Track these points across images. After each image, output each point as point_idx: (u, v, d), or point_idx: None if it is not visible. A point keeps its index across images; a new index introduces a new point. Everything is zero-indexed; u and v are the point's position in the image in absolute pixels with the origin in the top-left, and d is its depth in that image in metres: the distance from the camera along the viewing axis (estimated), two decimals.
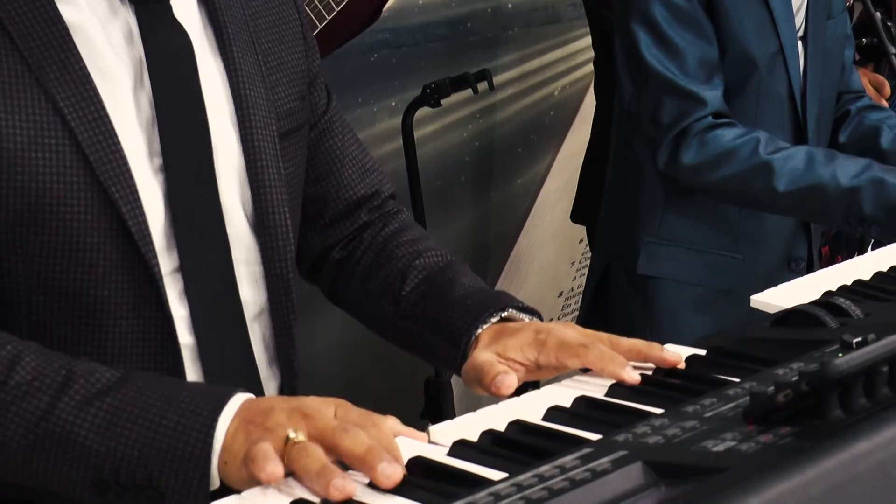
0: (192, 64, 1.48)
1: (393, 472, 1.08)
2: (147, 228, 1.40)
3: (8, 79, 1.36)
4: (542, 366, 1.40)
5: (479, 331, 1.50)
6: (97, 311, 1.40)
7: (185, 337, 1.45)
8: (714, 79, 2.28)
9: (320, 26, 2.48)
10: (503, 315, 1.52)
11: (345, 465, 1.12)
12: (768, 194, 2.22)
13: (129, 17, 1.44)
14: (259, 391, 1.52)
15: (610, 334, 1.41)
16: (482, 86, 3.30)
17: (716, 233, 2.42)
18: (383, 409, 3.44)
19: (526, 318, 1.52)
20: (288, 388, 1.58)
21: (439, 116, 3.52)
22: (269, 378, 1.56)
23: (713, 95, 2.26)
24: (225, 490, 1.16)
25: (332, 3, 2.50)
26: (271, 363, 1.56)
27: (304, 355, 3.32)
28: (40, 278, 1.39)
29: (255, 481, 1.12)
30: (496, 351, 1.43)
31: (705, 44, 2.27)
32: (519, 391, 1.36)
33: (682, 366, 1.36)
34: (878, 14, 2.93)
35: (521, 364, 1.41)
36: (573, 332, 1.42)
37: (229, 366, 1.48)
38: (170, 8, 1.47)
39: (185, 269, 1.44)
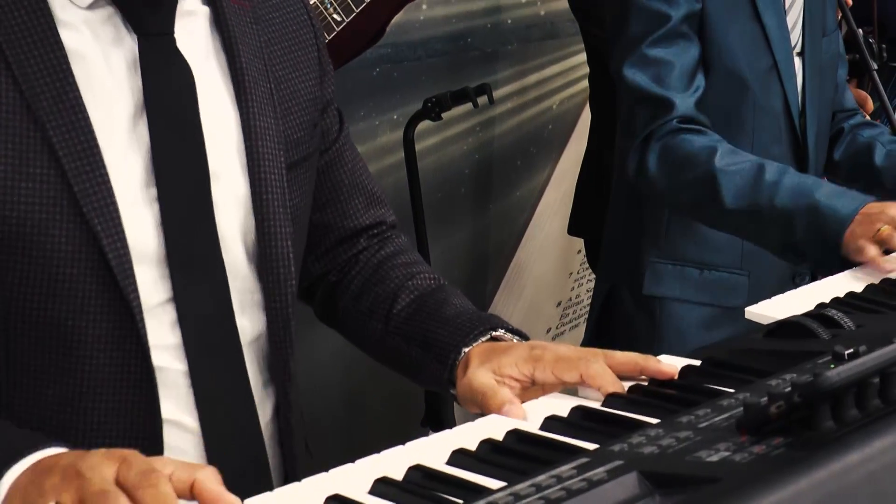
0: (192, 95, 1.45)
1: None
2: (129, 262, 1.37)
3: None
4: (538, 381, 1.39)
5: (468, 349, 1.48)
6: (75, 341, 1.37)
7: (176, 364, 1.42)
8: (691, 86, 2.22)
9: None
10: (493, 335, 1.51)
11: None
12: (718, 211, 2.13)
13: (134, 47, 1.42)
14: (253, 414, 1.50)
15: (605, 350, 1.40)
16: (482, 100, 3.30)
17: (721, 250, 2.38)
18: (386, 417, 3.44)
19: (515, 339, 1.51)
20: (284, 407, 1.55)
21: (440, 129, 3.53)
22: (263, 399, 1.53)
23: (684, 101, 2.19)
24: None
25: (333, 24, 2.50)
26: (266, 385, 1.54)
27: (307, 365, 3.32)
28: (19, 306, 1.36)
29: None
30: (492, 369, 1.41)
31: (686, 53, 2.22)
32: None
33: (676, 376, 1.36)
34: (860, 31, 2.93)
35: (516, 380, 1.40)
36: (568, 348, 1.41)
37: (224, 390, 1.46)
38: (173, 40, 1.45)
39: (179, 298, 1.41)
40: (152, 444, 1.39)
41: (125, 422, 1.40)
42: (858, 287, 1.72)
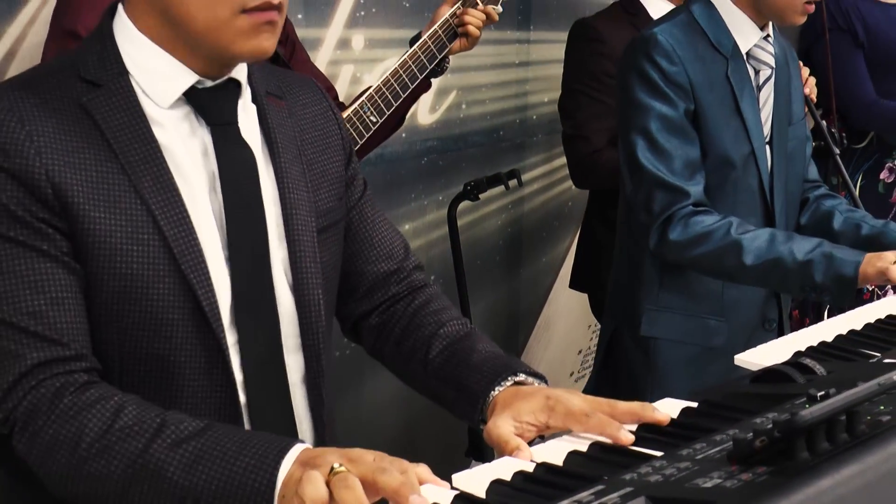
0: (255, 175, 1.50)
1: None
2: (217, 308, 1.42)
3: (111, 187, 1.39)
4: (551, 427, 1.37)
5: (495, 393, 1.46)
6: (175, 374, 1.41)
7: (240, 397, 1.45)
8: (696, 176, 2.29)
9: (360, 142, 2.55)
10: (515, 380, 1.49)
11: None
12: (738, 268, 2.22)
13: (205, 137, 1.46)
14: (296, 436, 1.52)
15: (609, 400, 1.38)
16: (513, 183, 3.31)
17: (704, 301, 2.41)
18: (435, 449, 3.43)
19: (535, 382, 1.49)
20: (320, 440, 1.56)
21: (478, 208, 3.54)
22: (307, 432, 1.55)
23: (695, 189, 2.27)
24: None
25: (370, 125, 2.55)
26: (307, 411, 1.55)
27: (371, 405, 3.33)
28: (130, 347, 1.40)
29: None
30: (511, 415, 1.39)
31: (690, 148, 2.28)
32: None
33: (676, 416, 1.35)
34: (824, 123, 2.96)
35: (533, 425, 1.38)
36: (578, 401, 1.38)
37: (274, 424, 1.48)
38: (238, 128, 1.49)
39: (242, 343, 1.45)
40: None
41: None
42: (829, 337, 1.71)
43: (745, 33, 2.35)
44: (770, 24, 2.39)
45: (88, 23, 2.00)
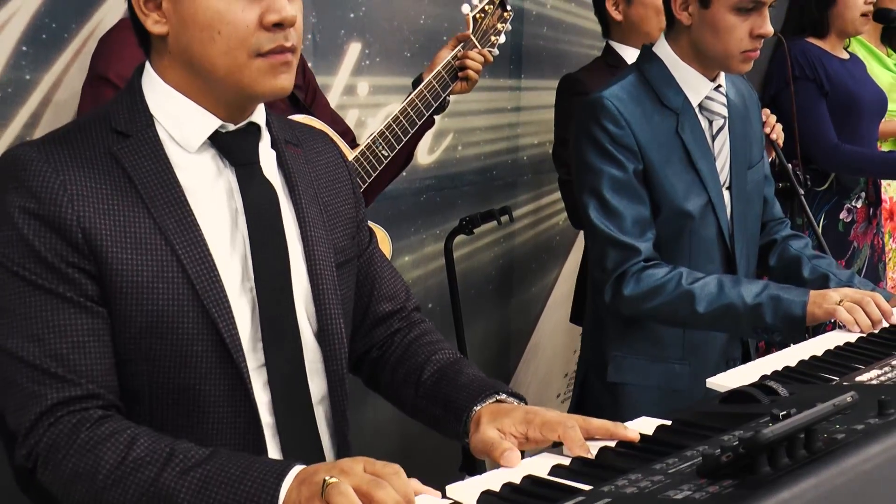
0: (278, 212, 1.52)
1: None
2: (238, 339, 1.43)
3: (138, 230, 1.41)
4: (530, 439, 1.40)
5: (478, 408, 1.49)
6: (200, 401, 1.43)
7: (266, 418, 1.47)
8: (646, 233, 2.25)
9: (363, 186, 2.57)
10: (498, 398, 1.51)
11: None
12: (692, 316, 2.19)
13: (230, 177, 1.49)
14: (321, 457, 1.54)
15: (584, 416, 1.41)
16: (504, 218, 3.31)
17: (667, 347, 2.38)
18: (431, 464, 3.42)
19: (515, 401, 1.51)
20: (343, 449, 1.58)
21: (472, 241, 3.55)
22: (329, 448, 1.57)
23: (645, 246, 2.23)
24: None
25: (382, 158, 2.58)
26: (332, 435, 1.57)
27: (371, 422, 3.32)
28: (158, 378, 1.42)
29: None
30: (496, 427, 1.42)
31: (640, 206, 2.24)
32: None
33: (652, 433, 1.37)
34: (790, 165, 2.98)
35: (514, 437, 1.41)
36: (554, 414, 1.42)
37: (300, 440, 1.50)
38: (260, 166, 1.52)
39: (270, 364, 1.47)
40: None
41: None
42: (793, 362, 1.73)
43: (695, 87, 2.29)
44: (721, 73, 2.32)
45: (118, 69, 2.05)
